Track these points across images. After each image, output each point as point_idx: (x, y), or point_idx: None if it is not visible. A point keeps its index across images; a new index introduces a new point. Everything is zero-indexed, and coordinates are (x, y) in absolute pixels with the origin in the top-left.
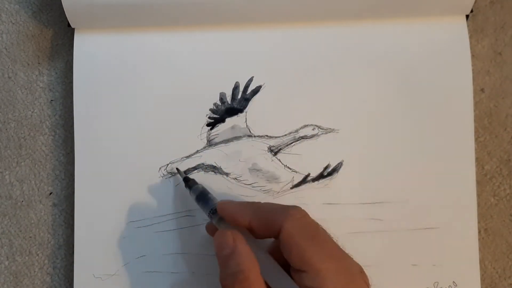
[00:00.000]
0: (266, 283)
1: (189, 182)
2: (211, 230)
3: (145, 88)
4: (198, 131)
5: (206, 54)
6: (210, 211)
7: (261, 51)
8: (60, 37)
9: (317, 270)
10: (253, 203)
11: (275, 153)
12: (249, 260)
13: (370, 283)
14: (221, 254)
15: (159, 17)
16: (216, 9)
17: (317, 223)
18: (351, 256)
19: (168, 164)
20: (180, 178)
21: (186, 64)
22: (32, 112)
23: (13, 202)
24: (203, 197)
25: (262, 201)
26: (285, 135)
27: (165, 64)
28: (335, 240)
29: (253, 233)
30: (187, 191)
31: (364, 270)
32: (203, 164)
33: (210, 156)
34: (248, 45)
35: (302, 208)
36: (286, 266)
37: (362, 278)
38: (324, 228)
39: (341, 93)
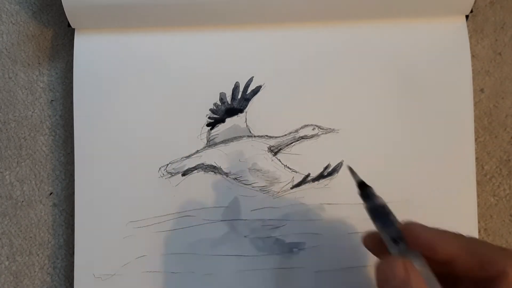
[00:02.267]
0: None
1: (366, 191)
2: (371, 243)
3: (145, 88)
4: (198, 131)
5: (206, 54)
6: (392, 238)
7: (261, 51)
8: (60, 38)
9: None
10: (458, 234)
11: (275, 153)
12: None
13: None
14: (386, 286)
15: (159, 17)
16: (216, 9)
17: None
18: None
19: (168, 164)
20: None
21: (186, 64)
22: (33, 112)
23: (13, 202)
24: (381, 214)
25: (263, 201)
26: (285, 135)
27: (165, 64)
28: None
29: (449, 266)
30: (187, 191)
31: (364, 269)
32: (203, 164)
33: (210, 156)
34: (248, 45)
35: None
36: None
37: None
38: None
39: (341, 93)
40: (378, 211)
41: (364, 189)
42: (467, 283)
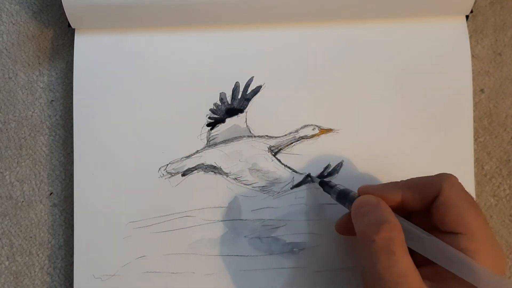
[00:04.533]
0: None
1: (327, 185)
2: (342, 227)
3: (145, 88)
4: (198, 131)
5: (206, 54)
6: (336, 197)
7: (261, 51)
8: (60, 38)
9: (474, 233)
10: (394, 182)
11: (275, 153)
12: (393, 215)
13: None
14: (360, 212)
15: (159, 17)
16: (216, 9)
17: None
18: None
19: (167, 164)
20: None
21: (186, 64)
22: (33, 112)
23: (13, 202)
24: (344, 195)
25: (263, 201)
26: (285, 135)
27: (165, 64)
28: None
29: (401, 209)
30: (186, 191)
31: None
32: (203, 164)
33: (210, 156)
34: (248, 45)
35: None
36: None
37: (506, 260)
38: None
39: (341, 93)
40: (342, 195)
41: (324, 184)
42: (424, 221)
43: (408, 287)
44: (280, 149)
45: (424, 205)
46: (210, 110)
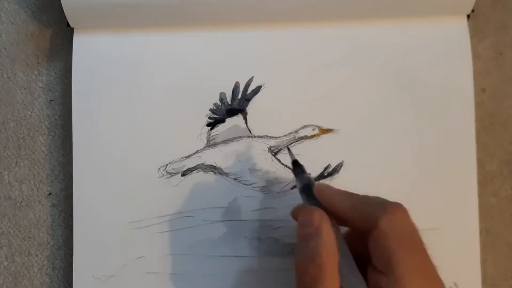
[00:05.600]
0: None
1: (297, 168)
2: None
3: (145, 88)
4: (198, 131)
5: (206, 54)
6: (302, 187)
7: (261, 51)
8: (59, 37)
9: (399, 278)
10: (352, 194)
11: (275, 153)
12: (331, 246)
13: None
14: (302, 232)
15: (159, 17)
16: (217, 9)
17: (416, 227)
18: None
19: (167, 164)
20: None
21: (186, 64)
22: (31, 112)
23: (12, 202)
24: (308, 188)
25: (263, 201)
26: (285, 135)
27: (165, 64)
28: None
29: (343, 222)
30: (186, 191)
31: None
32: (203, 164)
33: (210, 156)
34: (248, 45)
35: (404, 206)
36: (359, 256)
37: None
38: (419, 236)
39: (341, 93)
40: (307, 187)
41: (297, 167)
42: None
43: None
44: (280, 149)
45: (363, 230)
46: (210, 110)
